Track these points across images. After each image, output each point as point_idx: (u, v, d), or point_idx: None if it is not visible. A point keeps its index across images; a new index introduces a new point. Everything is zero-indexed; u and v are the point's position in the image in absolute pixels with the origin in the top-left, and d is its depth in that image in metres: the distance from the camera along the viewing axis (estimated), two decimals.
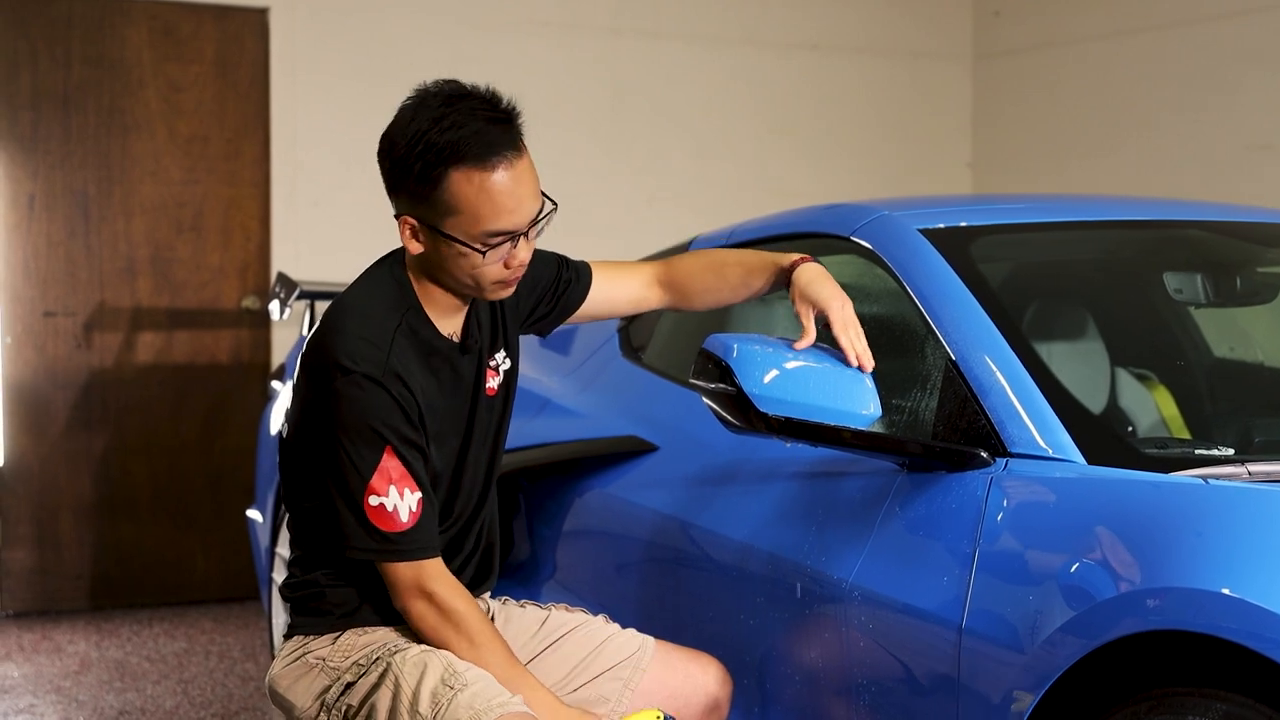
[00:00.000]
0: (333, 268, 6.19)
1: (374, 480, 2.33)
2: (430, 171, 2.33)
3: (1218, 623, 1.99)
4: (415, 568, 2.38)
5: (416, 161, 2.34)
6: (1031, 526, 2.33)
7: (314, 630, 2.51)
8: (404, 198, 2.39)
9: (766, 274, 2.73)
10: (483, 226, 2.35)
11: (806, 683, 2.67)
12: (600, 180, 6.62)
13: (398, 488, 2.34)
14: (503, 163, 2.35)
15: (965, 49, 7.37)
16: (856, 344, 2.56)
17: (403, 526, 2.35)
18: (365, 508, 2.34)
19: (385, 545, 2.36)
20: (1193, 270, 3.17)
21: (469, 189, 2.33)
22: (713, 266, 2.79)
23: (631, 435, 3.27)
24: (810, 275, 2.64)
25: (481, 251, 2.36)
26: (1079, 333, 3.22)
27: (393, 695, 2.38)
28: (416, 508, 2.36)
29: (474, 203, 2.34)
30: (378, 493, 2.34)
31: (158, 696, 4.92)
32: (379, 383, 2.33)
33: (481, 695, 2.33)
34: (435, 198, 2.34)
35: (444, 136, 2.33)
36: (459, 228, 2.35)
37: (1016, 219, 3.23)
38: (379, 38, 6.33)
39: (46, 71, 5.98)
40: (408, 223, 2.39)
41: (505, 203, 2.35)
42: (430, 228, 2.37)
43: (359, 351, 2.34)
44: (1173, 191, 6.08)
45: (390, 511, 2.34)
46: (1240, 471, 2.36)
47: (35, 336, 6.04)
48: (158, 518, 6.22)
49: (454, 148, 2.33)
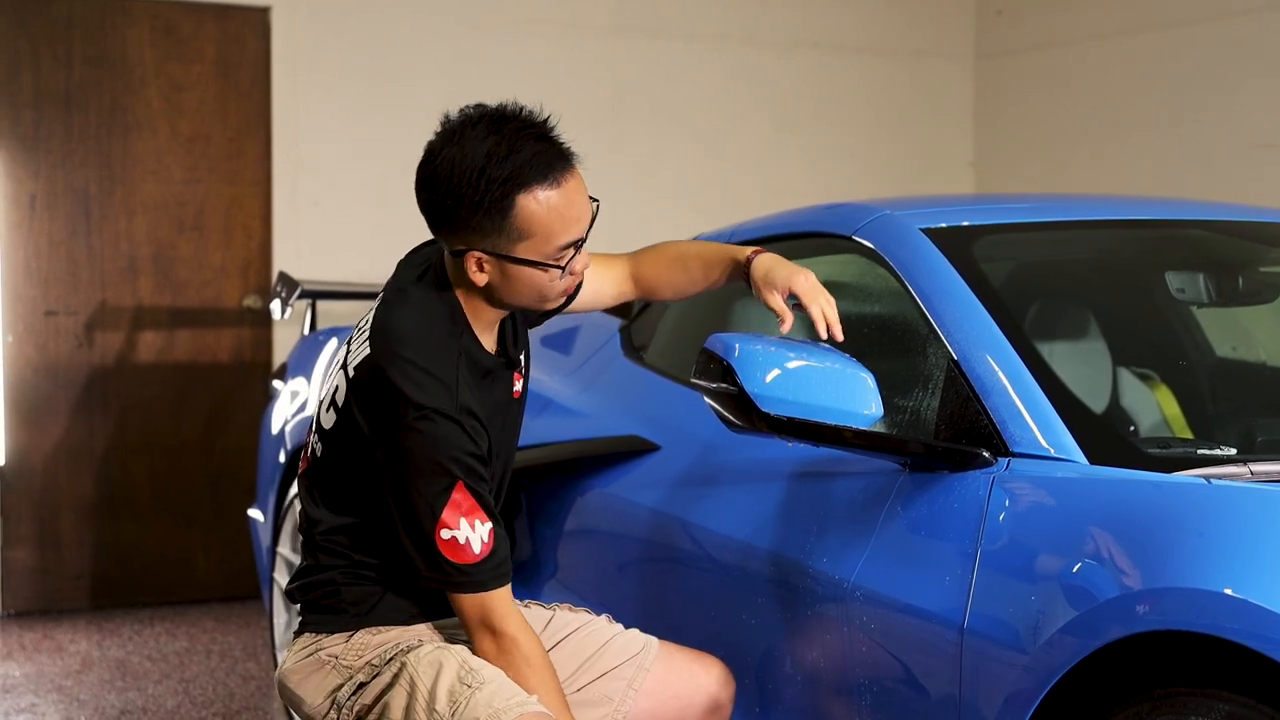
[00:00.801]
0: (334, 267, 6.19)
1: (445, 514, 2.34)
2: (500, 203, 2.32)
3: (1220, 623, 1.99)
4: (480, 600, 2.39)
5: (482, 196, 2.32)
6: (1033, 526, 2.33)
7: (327, 628, 2.51)
8: (467, 233, 2.37)
9: (723, 266, 2.75)
10: (554, 243, 2.37)
11: (807, 683, 2.67)
12: (601, 180, 6.56)
13: (468, 520, 2.35)
14: (564, 178, 2.37)
15: (967, 48, 7.37)
16: (828, 312, 2.57)
17: (476, 558, 2.36)
18: (437, 541, 2.35)
19: (458, 576, 2.37)
20: (1195, 270, 3.17)
21: (539, 211, 2.34)
22: (676, 260, 2.83)
23: (633, 435, 3.27)
24: (767, 264, 2.66)
25: (561, 268, 2.38)
26: (1081, 332, 3.21)
27: (408, 694, 2.39)
28: (489, 538, 2.37)
29: (545, 223, 2.35)
30: (449, 526, 2.34)
31: (159, 696, 4.92)
32: (451, 418, 2.34)
33: (500, 694, 2.33)
34: (506, 227, 2.34)
35: (505, 167, 2.32)
36: (532, 250, 2.36)
37: (1018, 218, 3.23)
38: (380, 37, 6.33)
39: (48, 71, 5.98)
40: (474, 258, 2.37)
41: (573, 215, 2.38)
42: (502, 257, 2.37)
43: (428, 386, 2.34)
44: (1174, 191, 6.08)
45: (463, 544, 2.35)
46: (1243, 471, 2.36)
47: (37, 336, 6.03)
48: (159, 517, 6.22)
49: (519, 175, 2.33)
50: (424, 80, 6.29)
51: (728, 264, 2.74)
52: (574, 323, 3.76)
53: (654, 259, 2.85)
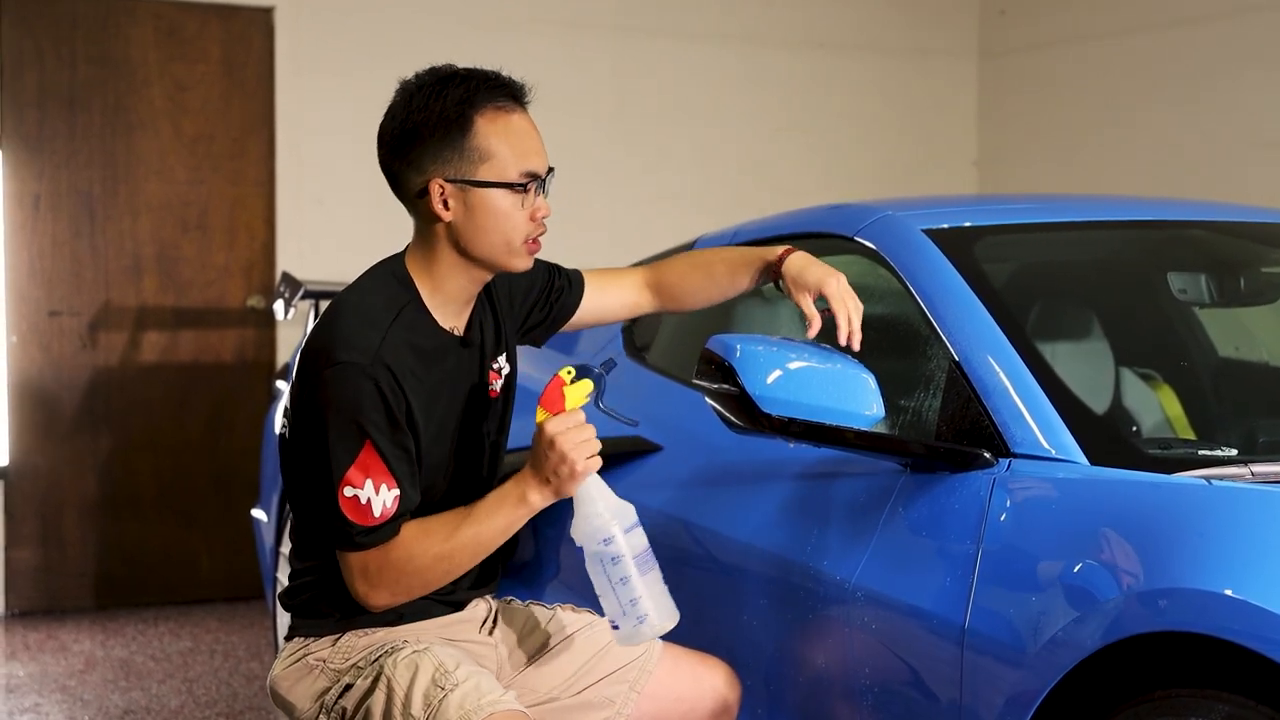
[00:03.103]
0: (337, 267, 6.19)
1: (351, 472, 2.31)
2: (457, 121, 2.37)
3: (1220, 624, 1.99)
4: (364, 556, 2.36)
5: (439, 118, 2.37)
6: (1034, 527, 2.33)
7: (314, 632, 2.51)
8: (428, 163, 2.39)
9: (753, 269, 2.74)
10: (516, 166, 2.39)
11: (809, 683, 2.67)
12: (604, 179, 6.61)
13: (374, 482, 2.32)
14: (517, 109, 2.43)
15: (971, 47, 7.36)
16: (853, 318, 2.56)
17: (374, 521, 2.33)
18: (340, 497, 2.32)
19: (351, 536, 2.34)
20: (1197, 270, 3.17)
21: (497, 128, 2.39)
22: (700, 267, 2.81)
23: (635, 435, 3.27)
24: (801, 263, 2.64)
25: (523, 186, 2.39)
26: (1083, 333, 3.21)
27: (386, 698, 2.38)
28: (391, 504, 2.33)
29: (504, 142, 2.39)
30: (353, 484, 2.31)
31: (163, 696, 4.93)
32: (366, 372, 2.32)
33: (472, 695, 2.33)
34: (464, 146, 2.38)
35: (460, 90, 2.39)
36: (494, 171, 2.38)
37: (1020, 219, 3.23)
38: (383, 37, 6.34)
39: (52, 71, 5.99)
40: (438, 185, 2.39)
41: (531, 143, 2.42)
42: (465, 182, 2.38)
43: (349, 342, 2.34)
44: (1178, 191, 6.07)
45: (364, 504, 2.32)
46: (1244, 472, 2.36)
47: (41, 336, 6.04)
48: (163, 517, 6.23)
49: (474, 95, 2.38)
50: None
51: (758, 265, 2.72)
52: None
53: (677, 268, 2.83)
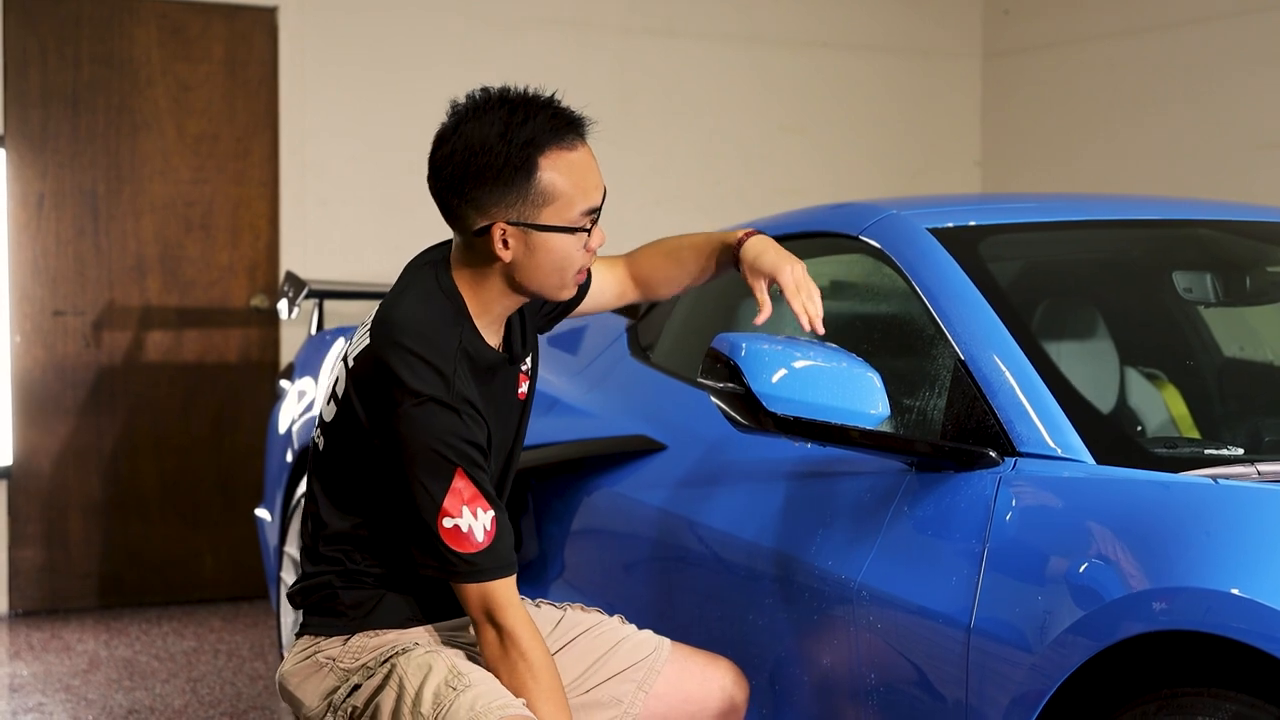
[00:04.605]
0: (341, 267, 6.20)
1: (447, 502, 2.32)
2: (523, 166, 2.33)
3: (1227, 623, 1.99)
4: (482, 590, 2.36)
5: (505, 162, 2.33)
6: (1040, 526, 2.33)
7: (325, 631, 2.51)
8: (490, 205, 2.36)
9: (715, 253, 2.73)
10: (578, 207, 2.38)
11: (814, 682, 2.66)
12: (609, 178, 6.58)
13: (470, 508, 2.33)
14: (580, 143, 2.41)
15: (975, 47, 7.36)
16: (809, 307, 2.55)
17: (479, 546, 2.34)
18: (440, 530, 2.33)
19: (462, 566, 2.35)
20: (1202, 269, 3.16)
21: (560, 169, 2.36)
22: (671, 255, 2.81)
23: (640, 434, 3.27)
24: (757, 248, 2.64)
25: (587, 230, 2.39)
26: (1088, 332, 3.21)
27: (396, 696, 2.38)
28: (491, 526, 2.35)
29: (568, 186, 2.36)
30: (451, 514, 2.32)
31: (166, 695, 4.93)
32: (449, 406, 2.32)
33: (483, 696, 2.33)
34: (529, 191, 2.35)
35: (525, 131, 2.34)
36: (557, 216, 2.37)
37: (1025, 218, 3.22)
38: (388, 36, 6.34)
39: (56, 71, 5.99)
40: (500, 229, 2.36)
41: (592, 178, 2.41)
42: (528, 226, 2.36)
43: (425, 374, 2.32)
44: (1182, 190, 6.07)
45: (465, 532, 2.33)
46: (1250, 471, 2.35)
47: (44, 335, 6.04)
48: (166, 517, 6.23)
49: (539, 137, 2.35)
50: (432, 79, 6.29)
51: (719, 249, 2.72)
52: (581, 323, 3.76)
53: (648, 256, 2.83)
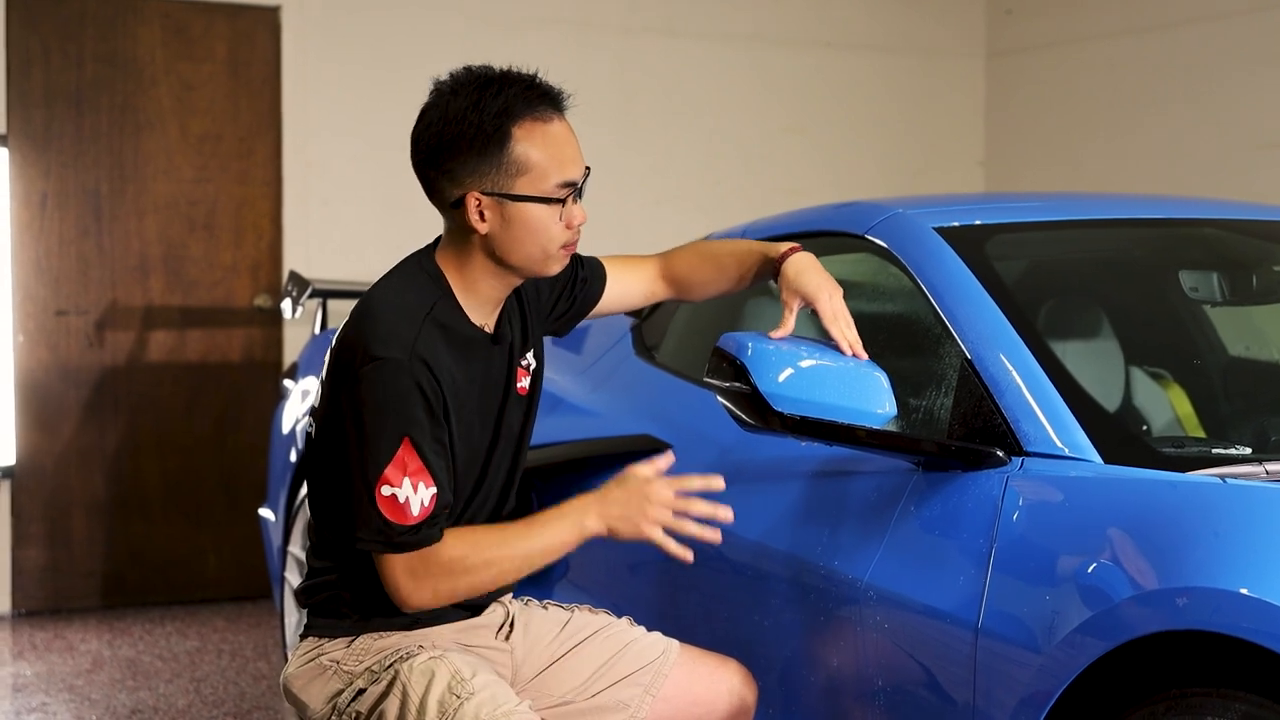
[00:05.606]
0: (345, 266, 6.19)
1: (389, 470, 2.29)
2: (495, 135, 2.35)
3: (1236, 623, 1.98)
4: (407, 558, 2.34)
5: (477, 130, 2.35)
6: (1048, 526, 2.32)
7: (329, 633, 2.49)
8: (464, 175, 2.37)
9: (757, 263, 2.75)
10: (553, 178, 2.37)
11: (821, 682, 2.66)
12: (611, 178, 6.60)
13: (412, 480, 2.30)
14: (555, 115, 2.41)
15: (978, 46, 7.36)
16: (848, 334, 2.57)
17: (412, 520, 2.31)
18: (377, 496, 2.30)
19: (390, 536, 2.32)
20: (1208, 268, 3.16)
21: (534, 139, 2.36)
22: (711, 259, 2.82)
23: (645, 434, 3.26)
24: (800, 266, 2.65)
25: (561, 201, 2.38)
26: (1094, 331, 3.21)
27: (400, 704, 2.37)
28: (429, 503, 2.32)
29: (542, 155, 2.36)
30: (391, 483, 2.30)
31: (170, 695, 4.93)
32: (403, 368, 2.30)
33: (488, 704, 2.32)
34: (502, 160, 2.35)
35: (499, 100, 2.36)
36: (532, 185, 2.37)
37: (1031, 217, 3.22)
38: (391, 35, 6.34)
39: (59, 70, 5.99)
40: (474, 198, 2.37)
41: (569, 151, 2.40)
42: (502, 195, 2.36)
43: (385, 338, 2.32)
44: (1186, 190, 6.06)
45: (401, 503, 2.30)
46: (1258, 470, 2.35)
47: (47, 335, 6.04)
48: (170, 516, 6.23)
49: (512, 106, 2.36)
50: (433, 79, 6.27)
51: (760, 260, 2.74)
52: (585, 322, 3.75)
53: (687, 257, 2.84)
